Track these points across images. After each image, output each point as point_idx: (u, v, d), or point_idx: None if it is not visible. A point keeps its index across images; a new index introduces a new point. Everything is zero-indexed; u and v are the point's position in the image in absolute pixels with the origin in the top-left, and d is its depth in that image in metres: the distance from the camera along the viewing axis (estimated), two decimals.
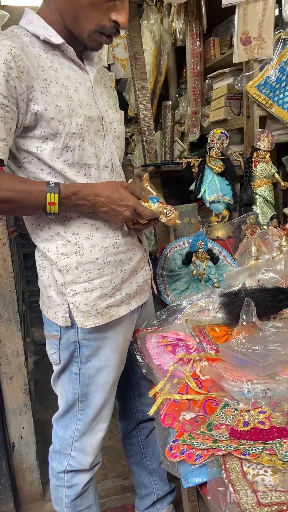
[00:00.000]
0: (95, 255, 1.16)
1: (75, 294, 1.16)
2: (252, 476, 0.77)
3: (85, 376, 1.24)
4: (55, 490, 1.35)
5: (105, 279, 1.18)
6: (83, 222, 1.15)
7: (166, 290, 1.67)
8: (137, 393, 1.53)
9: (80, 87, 1.13)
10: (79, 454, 1.29)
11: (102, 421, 1.29)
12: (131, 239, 1.24)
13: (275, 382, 0.98)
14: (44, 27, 1.09)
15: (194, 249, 1.64)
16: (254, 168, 1.84)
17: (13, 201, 1.04)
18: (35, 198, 1.05)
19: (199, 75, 2.45)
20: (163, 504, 1.62)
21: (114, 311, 1.21)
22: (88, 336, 1.21)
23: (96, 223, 1.16)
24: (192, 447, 0.85)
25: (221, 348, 1.14)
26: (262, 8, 1.69)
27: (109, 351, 1.24)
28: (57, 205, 1.06)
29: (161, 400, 1.04)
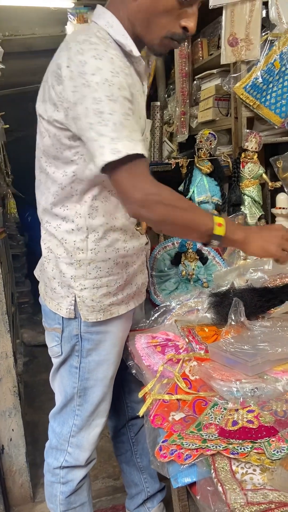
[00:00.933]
0: (108, 254, 1.20)
1: (84, 288, 1.20)
2: (241, 475, 0.77)
3: (85, 370, 1.26)
4: (49, 486, 1.35)
5: (112, 279, 1.22)
6: (105, 222, 1.18)
7: (156, 291, 1.67)
8: (127, 389, 1.54)
9: (140, 99, 1.16)
10: (76, 450, 1.30)
11: (99, 416, 1.31)
12: (139, 244, 1.29)
13: (264, 381, 0.98)
14: (124, 36, 1.09)
15: (183, 249, 1.65)
16: (242, 168, 1.85)
17: (191, 211, 1.08)
18: (207, 216, 1.09)
19: (187, 76, 2.46)
20: (154, 502, 1.63)
21: (115, 309, 1.25)
22: (90, 329, 1.23)
23: (115, 225, 1.20)
24: (182, 447, 0.86)
25: (210, 348, 1.14)
26: (249, 10, 1.70)
27: (109, 345, 1.26)
28: (224, 227, 1.07)
29: (150, 401, 1.04)
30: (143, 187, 1.01)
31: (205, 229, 1.07)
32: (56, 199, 1.16)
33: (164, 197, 1.03)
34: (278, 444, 0.81)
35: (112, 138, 0.96)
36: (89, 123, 0.98)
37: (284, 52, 1.72)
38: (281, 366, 1.04)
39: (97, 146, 0.97)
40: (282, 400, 0.92)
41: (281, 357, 1.05)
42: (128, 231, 1.24)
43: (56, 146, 1.10)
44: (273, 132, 1.92)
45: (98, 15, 1.11)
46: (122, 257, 1.23)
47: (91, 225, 1.17)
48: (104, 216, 1.17)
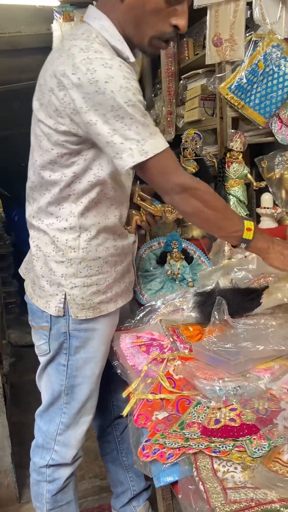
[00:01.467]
0: (99, 253, 1.23)
1: (74, 287, 1.21)
2: (222, 473, 0.78)
3: (73, 368, 1.27)
4: (35, 485, 1.35)
5: (102, 277, 1.25)
6: (97, 222, 1.20)
7: (141, 290, 1.67)
8: (113, 388, 1.54)
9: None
10: (62, 448, 1.31)
11: (86, 413, 1.32)
12: (127, 244, 1.32)
13: (246, 379, 0.99)
14: (120, 41, 1.10)
15: (168, 249, 1.65)
16: (227, 168, 1.86)
17: (221, 212, 1.15)
18: (237, 219, 1.16)
19: (174, 75, 2.47)
20: (139, 501, 1.63)
21: (104, 307, 1.27)
22: (79, 327, 1.24)
23: (106, 225, 1.22)
24: (164, 446, 0.86)
25: (194, 347, 1.15)
26: (233, 10, 1.71)
27: (97, 343, 1.27)
28: (253, 232, 1.15)
29: (134, 400, 1.04)
30: (177, 179, 1.09)
31: (234, 230, 1.15)
32: (53, 199, 1.17)
33: (200, 192, 1.11)
34: (259, 442, 0.81)
35: (138, 140, 1.03)
36: (111, 129, 1.03)
37: (268, 53, 1.73)
38: (264, 364, 1.05)
39: (125, 148, 1.03)
40: (264, 398, 0.93)
41: (264, 355, 1.06)
42: (118, 231, 1.27)
43: (57, 150, 1.12)
44: (258, 133, 1.93)
45: (93, 17, 1.11)
46: (112, 256, 1.26)
47: (83, 225, 1.19)
48: (96, 216, 1.20)
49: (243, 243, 1.16)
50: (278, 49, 1.73)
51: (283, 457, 0.76)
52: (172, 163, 1.10)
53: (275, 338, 1.09)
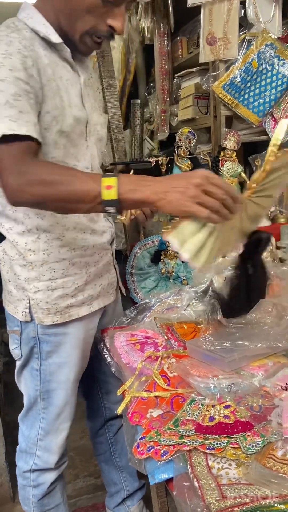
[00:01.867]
0: (63, 255, 1.17)
1: (37, 291, 1.17)
2: (216, 470, 0.78)
3: (46, 373, 1.24)
4: (22, 489, 1.34)
5: (68, 280, 1.19)
6: (55, 222, 1.15)
7: (136, 289, 1.67)
8: (104, 390, 1.53)
9: (71, 88, 1.13)
10: (44, 453, 1.29)
11: (65, 420, 1.29)
12: (100, 243, 1.26)
13: (240, 377, 1.00)
14: (44, 25, 1.07)
15: (162, 247, 1.65)
16: (221, 167, 1.87)
17: (62, 182, 0.91)
18: (88, 183, 0.90)
19: (167, 74, 2.46)
20: (133, 500, 1.63)
21: (74, 311, 1.22)
22: (47, 331, 1.21)
23: (67, 224, 1.16)
24: (159, 444, 0.86)
25: (188, 345, 1.15)
26: (227, 9, 1.72)
27: (69, 347, 1.24)
28: (116, 188, 0.88)
29: (129, 398, 1.04)
30: (18, 169, 0.92)
31: (92, 196, 0.89)
32: (5, 201, 1.06)
33: (37, 174, 0.92)
34: (253, 439, 0.82)
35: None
36: None
37: (262, 51, 1.74)
38: (257, 361, 1.05)
39: None
40: (258, 395, 0.94)
41: (258, 353, 1.06)
42: (87, 229, 1.20)
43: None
44: (252, 131, 1.94)
45: (22, 9, 1.10)
46: (80, 257, 1.20)
47: (41, 226, 1.13)
48: (53, 215, 1.13)
49: (109, 206, 0.89)
50: (271, 48, 1.74)
51: (277, 454, 0.77)
52: (26, 152, 0.94)
53: (269, 335, 1.09)
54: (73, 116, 1.11)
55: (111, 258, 1.34)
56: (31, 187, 0.91)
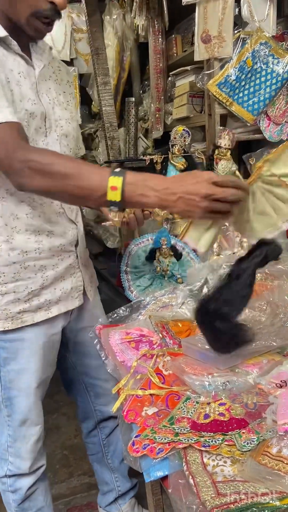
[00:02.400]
0: (13, 258, 1.13)
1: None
2: (211, 467, 0.78)
3: (6, 380, 1.21)
4: (3, 494, 1.34)
5: (20, 284, 1.15)
6: (4, 223, 1.11)
7: (130, 287, 1.67)
8: (92, 393, 1.53)
9: (23, 81, 1.09)
10: (16, 459, 1.27)
11: (32, 425, 1.26)
12: (59, 246, 1.21)
13: (235, 374, 1.00)
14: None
15: (157, 245, 1.65)
16: (215, 165, 1.87)
17: (70, 178, 0.91)
18: (96, 179, 0.90)
19: (162, 72, 2.46)
20: (125, 499, 1.64)
21: (28, 317, 1.18)
22: (3, 337, 1.18)
23: (17, 226, 1.13)
24: (154, 441, 0.86)
25: (183, 343, 1.15)
26: (222, 7, 1.71)
27: (28, 354, 1.20)
28: (120, 191, 0.88)
29: (124, 396, 1.04)
30: (17, 154, 0.92)
31: (97, 195, 0.91)
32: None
33: (45, 164, 0.92)
34: (248, 436, 0.82)
35: None
36: None
37: (256, 50, 1.74)
38: (252, 359, 1.06)
39: None
40: (252, 393, 0.94)
41: (252, 350, 1.06)
42: (42, 231, 1.16)
43: None
44: (246, 130, 1.94)
45: None
46: (34, 260, 1.16)
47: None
48: (2, 217, 1.10)
49: (113, 206, 0.91)
50: (266, 46, 1.74)
51: (272, 451, 0.77)
52: (12, 137, 0.95)
53: (264, 333, 1.10)
54: (25, 110, 1.07)
55: (75, 260, 1.28)
56: (40, 176, 0.91)
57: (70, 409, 2.23)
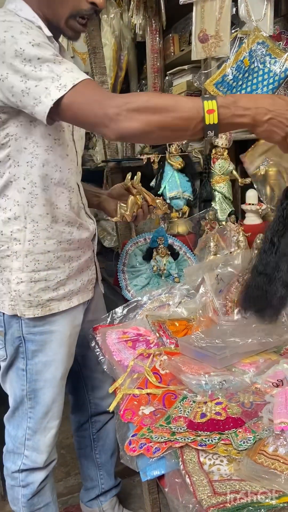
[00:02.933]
0: (48, 247, 1.17)
1: (20, 282, 1.16)
2: (208, 466, 0.79)
3: (32, 372, 1.23)
4: (10, 490, 1.33)
5: (51, 273, 1.19)
6: (45, 212, 1.14)
7: (127, 286, 1.67)
8: (89, 386, 1.54)
9: None
10: (33, 452, 1.28)
11: (53, 418, 1.28)
12: (84, 239, 1.26)
13: (232, 373, 1.00)
14: (34, 17, 1.07)
15: (154, 245, 1.65)
16: (213, 165, 1.87)
17: (169, 109, 0.92)
18: (191, 106, 0.92)
19: (159, 71, 2.46)
20: (107, 496, 1.65)
21: (54, 305, 1.21)
22: (33, 330, 1.20)
23: (56, 215, 1.17)
24: (151, 441, 0.86)
25: (180, 342, 1.16)
26: (219, 7, 1.71)
27: (55, 345, 1.23)
28: (217, 112, 0.91)
29: (121, 396, 1.04)
30: (111, 102, 0.93)
31: (196, 122, 0.93)
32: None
33: (141, 102, 0.93)
34: (245, 435, 0.82)
35: (53, 77, 0.93)
36: (22, 76, 0.94)
37: (253, 49, 1.74)
38: (249, 358, 1.06)
39: (41, 90, 0.93)
40: (249, 392, 0.94)
41: (249, 350, 1.07)
42: (75, 223, 1.21)
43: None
44: (243, 129, 1.94)
45: (8, 1, 1.10)
46: (65, 251, 1.20)
47: (29, 214, 1.13)
48: (44, 205, 1.13)
49: (210, 130, 0.93)
50: (263, 46, 1.74)
51: (268, 449, 0.77)
52: (100, 90, 0.98)
53: (260, 332, 1.10)
54: None
55: (92, 254, 1.34)
56: (139, 114, 0.92)
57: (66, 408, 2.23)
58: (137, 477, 1.82)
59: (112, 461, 1.64)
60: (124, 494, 1.84)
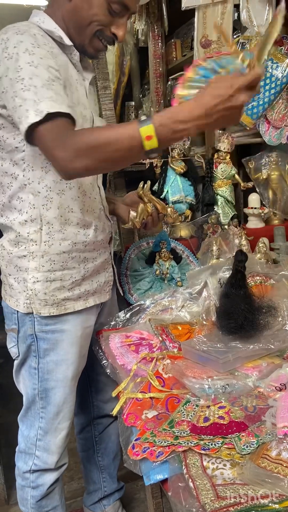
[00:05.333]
0: (63, 248, 1.19)
1: (36, 281, 1.18)
2: (211, 470, 0.79)
3: (44, 371, 1.24)
4: (20, 490, 1.34)
5: (67, 273, 1.21)
6: (59, 215, 1.18)
7: (130, 290, 1.68)
8: (94, 389, 1.54)
9: (79, 87, 1.20)
10: (44, 453, 1.29)
11: (64, 419, 1.29)
12: (100, 240, 1.29)
13: (235, 377, 1.00)
14: (56, 28, 1.14)
15: (157, 249, 1.66)
16: (215, 169, 1.88)
17: (110, 144, 0.95)
18: (130, 137, 0.94)
19: (161, 76, 2.47)
20: (110, 500, 1.64)
21: (70, 305, 1.23)
22: (45, 328, 1.21)
23: (70, 219, 1.20)
24: (154, 445, 0.86)
25: (183, 346, 1.16)
26: (221, 12, 1.73)
27: (67, 345, 1.24)
28: (155, 137, 0.93)
29: (124, 400, 1.05)
30: (64, 143, 0.96)
31: (136, 150, 0.95)
32: (12, 191, 1.15)
33: (82, 143, 0.96)
34: (248, 439, 0.82)
35: (35, 100, 0.96)
36: (13, 92, 0.99)
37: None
38: (251, 362, 1.06)
39: (23, 111, 0.97)
40: (252, 396, 0.94)
41: (252, 354, 1.07)
42: (90, 226, 1.24)
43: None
44: (245, 134, 1.95)
45: (33, 14, 1.18)
46: (80, 252, 1.23)
47: (45, 217, 1.16)
48: (59, 208, 1.17)
49: (151, 153, 0.96)
50: None
51: (271, 454, 0.77)
52: (72, 129, 0.99)
53: (263, 336, 1.10)
54: (81, 113, 1.17)
55: (109, 256, 1.36)
56: (80, 157, 0.95)
57: None
58: (140, 481, 1.82)
59: (115, 464, 1.64)
60: (128, 498, 1.84)
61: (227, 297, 1.19)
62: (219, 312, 1.20)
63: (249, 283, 1.40)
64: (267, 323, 1.13)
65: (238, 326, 1.11)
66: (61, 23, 1.15)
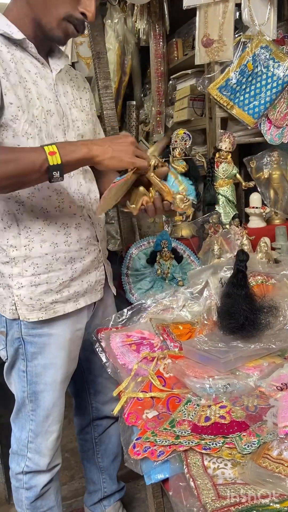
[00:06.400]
0: (45, 250, 1.17)
1: (21, 287, 1.17)
2: (212, 470, 0.79)
3: (32, 374, 1.24)
4: (15, 491, 1.34)
5: (53, 275, 1.19)
6: (35, 217, 1.15)
7: (131, 290, 1.67)
8: (92, 390, 1.54)
9: (40, 81, 1.15)
10: (35, 455, 1.28)
11: (54, 422, 1.28)
12: (86, 238, 1.26)
13: (236, 377, 1.00)
14: (7, 25, 1.11)
15: (158, 248, 1.65)
16: (216, 168, 1.87)
17: (13, 160, 0.97)
18: (33, 155, 0.98)
19: (163, 75, 2.47)
20: (110, 501, 1.64)
21: (59, 307, 1.22)
22: (32, 332, 1.20)
23: (48, 219, 1.17)
24: (155, 444, 0.86)
25: (184, 346, 1.16)
26: (222, 11, 1.72)
27: (55, 348, 1.23)
28: (58, 153, 0.98)
29: (125, 399, 1.04)
30: None
31: (39, 165, 0.98)
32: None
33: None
34: (249, 439, 0.82)
35: None
36: None
37: (257, 53, 1.75)
38: (253, 362, 1.06)
39: None
40: (253, 395, 0.94)
41: (253, 353, 1.07)
42: (71, 224, 1.21)
43: None
44: (247, 133, 1.95)
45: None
46: (64, 252, 1.20)
47: (21, 221, 1.14)
48: (33, 211, 1.15)
49: (56, 171, 0.99)
50: (266, 50, 1.75)
51: (272, 453, 0.77)
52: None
53: (264, 336, 1.10)
54: (42, 108, 1.13)
55: (99, 254, 1.33)
56: None
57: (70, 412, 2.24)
58: (141, 481, 1.82)
59: (115, 466, 1.63)
60: (129, 498, 1.84)
61: (228, 296, 1.18)
62: (220, 311, 1.19)
63: (251, 282, 1.40)
64: (268, 323, 1.13)
65: (239, 325, 1.11)
66: (25, 10, 1.11)
